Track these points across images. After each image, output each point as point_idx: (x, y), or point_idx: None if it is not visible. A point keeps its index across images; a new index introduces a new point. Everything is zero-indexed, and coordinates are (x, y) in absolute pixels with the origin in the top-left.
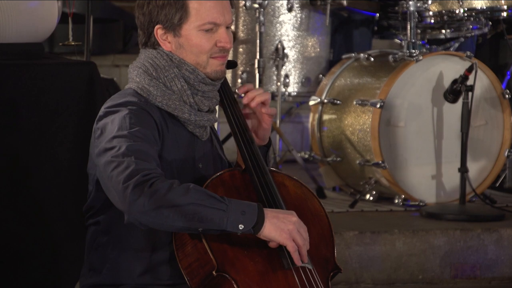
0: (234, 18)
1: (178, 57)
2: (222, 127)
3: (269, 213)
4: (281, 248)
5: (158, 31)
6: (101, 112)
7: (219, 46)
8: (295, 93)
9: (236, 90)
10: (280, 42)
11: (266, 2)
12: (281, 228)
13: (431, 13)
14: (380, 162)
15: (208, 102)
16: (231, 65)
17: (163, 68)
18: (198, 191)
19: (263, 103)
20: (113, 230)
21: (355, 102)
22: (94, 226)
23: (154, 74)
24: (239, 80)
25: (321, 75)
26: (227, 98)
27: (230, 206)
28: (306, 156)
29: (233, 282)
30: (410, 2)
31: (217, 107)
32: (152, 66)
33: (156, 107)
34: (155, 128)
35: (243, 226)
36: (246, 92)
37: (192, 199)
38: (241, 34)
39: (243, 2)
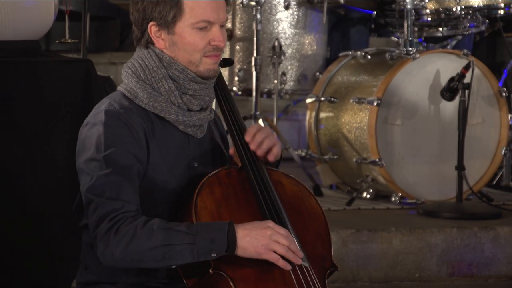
0: (229, 16)
1: (168, 56)
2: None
3: (240, 232)
4: None
5: (152, 28)
6: (85, 121)
7: (213, 44)
8: (292, 91)
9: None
10: (277, 40)
11: (263, 0)
12: (254, 245)
13: (428, 11)
14: (377, 160)
15: (199, 101)
16: (227, 63)
17: (151, 69)
18: (162, 230)
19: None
20: None
21: (352, 100)
22: (86, 229)
23: (142, 75)
24: (236, 78)
25: (318, 73)
26: (224, 96)
27: (198, 237)
28: (303, 154)
29: (230, 280)
30: (407, 0)
31: (214, 106)
32: (141, 66)
33: (143, 110)
34: (134, 141)
35: (215, 254)
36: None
37: (159, 240)
38: (238, 32)
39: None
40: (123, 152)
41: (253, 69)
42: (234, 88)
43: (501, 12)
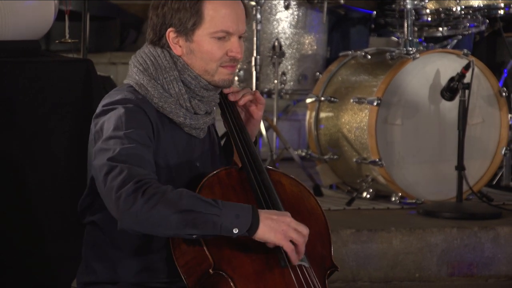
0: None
1: (183, 61)
2: (219, 125)
3: (263, 214)
4: (278, 247)
5: (170, 34)
6: (98, 110)
7: (230, 55)
8: (292, 91)
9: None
10: (277, 39)
11: (263, 0)
12: (275, 229)
13: (428, 10)
14: (377, 160)
15: (206, 106)
16: None
17: (164, 69)
18: (191, 197)
19: (251, 101)
20: (109, 228)
21: (352, 100)
22: (91, 225)
23: (153, 74)
24: (236, 78)
25: (318, 73)
26: (223, 96)
27: (224, 210)
28: (303, 154)
29: (230, 280)
30: (407, 0)
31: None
32: (153, 64)
33: (153, 106)
34: (150, 128)
35: (237, 230)
36: (232, 92)
37: (185, 205)
38: None
39: None
40: (143, 133)
41: (253, 69)
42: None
43: (501, 12)
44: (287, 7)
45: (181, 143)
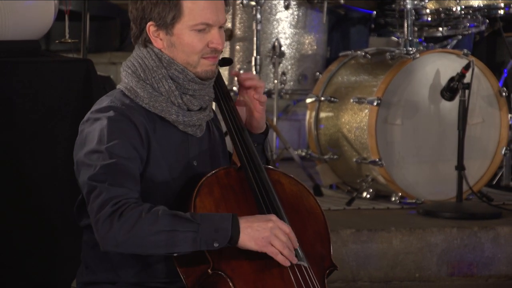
0: (229, 16)
1: (167, 56)
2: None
3: (243, 223)
4: None
5: (150, 28)
6: (85, 117)
7: (211, 47)
8: (292, 91)
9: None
10: (277, 39)
11: (263, 0)
12: (255, 237)
13: (428, 10)
14: (377, 160)
15: (199, 101)
16: (227, 62)
17: (151, 69)
18: (167, 216)
19: (255, 89)
20: None
21: (352, 100)
22: (89, 228)
23: (142, 75)
24: (236, 78)
25: (318, 73)
26: (222, 95)
27: (202, 225)
28: (303, 154)
29: (229, 280)
30: (407, 0)
31: (214, 106)
32: (141, 66)
33: (143, 109)
34: (137, 136)
35: (218, 243)
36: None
37: (163, 226)
38: (238, 32)
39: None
40: (126, 145)
41: (253, 69)
42: (234, 88)
43: (501, 12)
44: (287, 7)
45: (176, 143)
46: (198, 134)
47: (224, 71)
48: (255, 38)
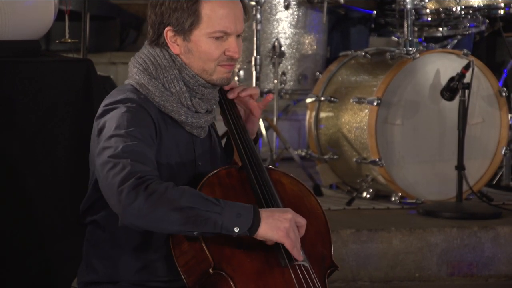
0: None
1: (181, 60)
2: (219, 125)
3: (264, 213)
4: (278, 246)
5: (168, 33)
6: (100, 110)
7: (228, 55)
8: (292, 91)
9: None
10: (277, 39)
11: (263, 0)
12: (277, 226)
13: (428, 10)
14: (377, 159)
15: (206, 105)
16: None
17: (163, 68)
18: (193, 195)
19: (251, 96)
20: (110, 228)
21: (352, 100)
22: (92, 224)
23: (154, 73)
24: (236, 78)
25: (318, 73)
26: (224, 96)
27: (225, 209)
28: (303, 154)
29: (230, 279)
30: (407, 0)
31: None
32: (153, 64)
33: (155, 106)
34: (153, 127)
35: (238, 229)
36: (231, 89)
37: (187, 202)
38: None
39: None
40: (144, 132)
41: (253, 69)
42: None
43: (501, 12)
44: (287, 7)
45: (182, 142)
46: (202, 135)
47: None
48: (255, 38)
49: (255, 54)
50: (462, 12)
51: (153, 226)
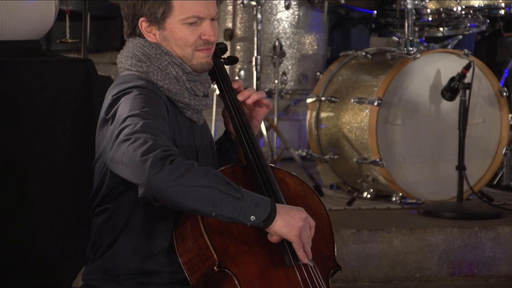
0: (230, 16)
1: (165, 48)
2: (219, 125)
3: (281, 209)
4: (283, 245)
5: (143, 23)
6: (108, 100)
7: (204, 39)
8: (293, 91)
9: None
10: (278, 39)
11: (264, 0)
12: (292, 224)
13: (428, 10)
14: (378, 160)
15: (203, 88)
16: (232, 60)
17: (154, 56)
18: (216, 176)
19: (257, 102)
20: (117, 219)
21: (352, 100)
22: (99, 216)
23: (147, 62)
24: (237, 78)
25: (318, 73)
26: (229, 95)
27: (245, 196)
28: (304, 154)
29: (234, 277)
30: (408, 0)
31: (214, 99)
32: (144, 55)
33: (161, 91)
34: (165, 109)
35: (254, 218)
36: (238, 89)
37: (211, 182)
38: (238, 32)
39: None
40: (159, 112)
41: (254, 69)
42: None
43: (502, 12)
44: (287, 7)
45: (184, 128)
46: (201, 121)
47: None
48: (255, 38)
49: (255, 54)
50: (463, 12)
51: (174, 200)
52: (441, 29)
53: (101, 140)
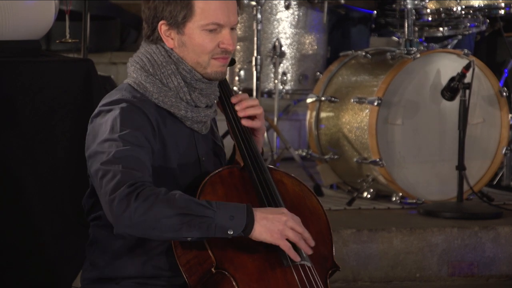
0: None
1: (177, 55)
2: (219, 125)
3: (258, 214)
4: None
5: (162, 27)
6: (96, 110)
7: (222, 47)
8: (293, 91)
9: (231, 100)
10: (278, 39)
11: (264, 0)
12: (271, 229)
13: (428, 10)
14: (378, 159)
15: (206, 99)
16: (230, 62)
17: (160, 64)
18: (184, 200)
19: (255, 116)
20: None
21: (352, 100)
22: (95, 221)
23: (151, 70)
24: (237, 78)
25: (318, 73)
26: (226, 95)
27: (218, 212)
28: (304, 154)
29: (232, 279)
30: (408, 0)
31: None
32: (150, 61)
33: (153, 103)
34: (149, 127)
35: (232, 231)
36: (240, 101)
37: (178, 209)
38: (238, 32)
39: None
40: (139, 135)
41: (254, 69)
42: (235, 88)
43: (502, 12)
44: (287, 7)
45: (183, 139)
46: (203, 131)
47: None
48: (255, 38)
49: (255, 54)
50: (463, 12)
51: (147, 233)
52: (441, 29)
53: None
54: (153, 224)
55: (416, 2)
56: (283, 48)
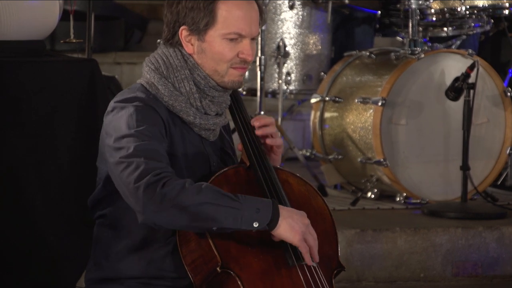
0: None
1: (194, 60)
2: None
3: (284, 212)
4: (286, 246)
5: (183, 32)
6: (109, 107)
7: (241, 57)
8: (297, 91)
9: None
10: (282, 39)
11: (268, 0)
12: (295, 229)
13: (433, 10)
14: (382, 160)
15: (216, 107)
16: None
17: (175, 68)
18: (211, 190)
19: (271, 135)
20: (117, 224)
21: (356, 100)
22: (100, 220)
23: (164, 72)
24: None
25: (322, 73)
26: (233, 95)
27: (244, 204)
28: (308, 154)
29: (237, 278)
30: (412, 0)
31: None
32: (165, 63)
33: (164, 105)
34: (162, 125)
35: (258, 224)
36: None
37: (206, 198)
38: None
39: None
40: (154, 130)
41: (258, 69)
42: (239, 88)
43: (506, 12)
44: (291, 7)
45: (192, 143)
46: (211, 139)
47: None
48: (259, 38)
49: (259, 54)
50: (467, 12)
51: (173, 223)
52: (445, 29)
53: (103, 144)
54: (180, 212)
55: (420, 2)
56: (287, 48)
